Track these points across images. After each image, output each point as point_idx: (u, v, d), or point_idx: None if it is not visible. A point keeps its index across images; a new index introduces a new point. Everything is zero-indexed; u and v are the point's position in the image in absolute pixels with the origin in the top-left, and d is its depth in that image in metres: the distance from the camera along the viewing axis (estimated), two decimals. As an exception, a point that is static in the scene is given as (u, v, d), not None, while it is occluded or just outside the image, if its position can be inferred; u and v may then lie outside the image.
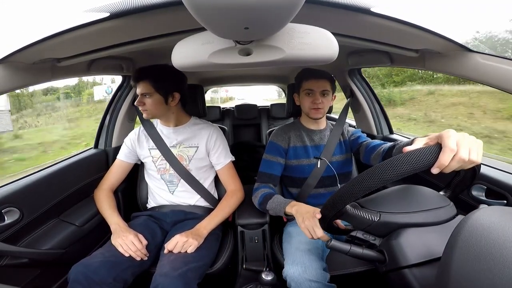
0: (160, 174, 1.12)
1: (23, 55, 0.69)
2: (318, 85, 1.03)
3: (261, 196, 1.00)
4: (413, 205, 0.54)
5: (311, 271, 0.78)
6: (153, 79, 1.01)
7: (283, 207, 0.92)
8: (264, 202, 0.98)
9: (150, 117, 1.07)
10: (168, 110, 1.07)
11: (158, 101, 1.03)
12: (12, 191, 0.85)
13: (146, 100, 1.02)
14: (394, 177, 0.44)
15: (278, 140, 1.10)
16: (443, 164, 0.44)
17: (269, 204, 0.96)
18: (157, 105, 1.03)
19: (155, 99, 1.02)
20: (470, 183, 0.57)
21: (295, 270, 0.79)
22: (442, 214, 0.53)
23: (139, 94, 1.02)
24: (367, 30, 0.71)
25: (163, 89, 1.02)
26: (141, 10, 0.57)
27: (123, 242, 0.88)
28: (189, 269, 0.81)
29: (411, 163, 0.43)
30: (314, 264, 0.80)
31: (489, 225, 0.36)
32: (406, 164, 0.43)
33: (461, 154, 0.44)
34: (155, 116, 1.07)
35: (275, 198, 0.97)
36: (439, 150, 0.45)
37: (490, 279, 0.31)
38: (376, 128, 1.45)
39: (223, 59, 0.57)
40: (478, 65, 0.71)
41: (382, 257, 0.52)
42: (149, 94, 1.01)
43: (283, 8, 0.41)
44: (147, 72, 1.02)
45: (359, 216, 0.54)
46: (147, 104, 1.02)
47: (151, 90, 1.01)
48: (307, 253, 0.84)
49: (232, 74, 2.43)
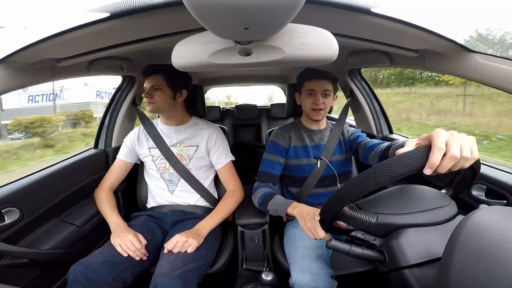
0: (159, 173, 1.12)
1: (22, 55, 0.69)
2: (320, 86, 1.03)
3: (261, 196, 1.00)
4: (412, 206, 0.54)
5: (320, 280, 0.77)
6: (166, 73, 1.04)
7: (285, 208, 0.91)
8: (265, 202, 0.98)
9: (154, 111, 1.08)
10: (173, 106, 1.09)
11: (167, 95, 1.06)
12: (12, 191, 0.85)
13: (155, 93, 1.04)
14: (387, 180, 0.44)
15: (278, 140, 1.10)
16: (434, 164, 0.43)
17: (270, 205, 0.96)
18: (165, 99, 1.06)
19: (165, 92, 1.05)
20: (470, 182, 0.57)
21: (304, 278, 0.78)
22: (442, 214, 0.53)
23: (148, 87, 1.05)
24: (367, 30, 0.71)
25: (174, 84, 1.06)
26: (141, 10, 0.57)
27: (122, 242, 0.88)
28: (188, 269, 0.81)
29: (403, 165, 0.43)
30: (322, 272, 0.80)
31: (489, 225, 0.36)
32: (398, 166, 0.43)
33: (452, 151, 0.44)
34: (160, 110, 1.08)
35: (276, 198, 0.96)
36: (429, 151, 0.45)
37: (490, 279, 0.31)
38: (376, 128, 1.45)
39: (223, 59, 0.57)
40: (478, 65, 0.71)
41: (382, 257, 0.52)
42: (159, 87, 1.04)
43: (283, 9, 0.41)
44: (160, 67, 1.05)
45: (357, 218, 0.54)
46: (155, 97, 1.04)
47: (162, 83, 1.04)
48: (315, 260, 0.83)
49: (232, 74, 2.43)
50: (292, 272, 0.83)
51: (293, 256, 0.89)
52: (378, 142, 0.94)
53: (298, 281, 0.79)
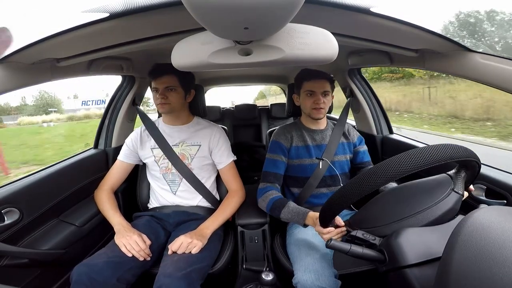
0: (162, 173, 1.12)
1: (22, 55, 0.69)
2: (319, 86, 1.03)
3: (271, 201, 0.98)
4: (411, 207, 0.54)
5: (324, 279, 0.77)
6: (179, 74, 1.03)
7: (302, 219, 0.89)
8: (275, 209, 0.96)
9: (168, 112, 1.09)
10: (183, 106, 1.11)
11: (181, 96, 1.07)
12: (12, 191, 0.85)
13: (169, 93, 1.04)
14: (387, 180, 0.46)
15: (280, 139, 1.09)
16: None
17: (284, 213, 0.93)
18: (180, 99, 1.07)
19: (179, 93, 1.06)
20: (471, 182, 0.57)
21: (308, 277, 0.78)
22: (443, 206, 0.52)
23: (161, 88, 1.04)
24: (367, 30, 0.71)
25: (186, 84, 1.07)
26: (140, 10, 0.57)
27: (127, 242, 0.88)
28: (193, 270, 0.81)
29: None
30: (327, 272, 0.80)
31: (489, 225, 0.36)
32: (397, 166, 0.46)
33: None
34: (174, 110, 1.09)
35: (289, 206, 0.94)
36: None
37: (490, 278, 0.31)
38: (376, 128, 1.45)
39: (223, 59, 0.57)
40: (477, 65, 0.71)
41: (382, 257, 0.52)
42: (174, 87, 1.04)
43: (283, 8, 0.41)
44: (171, 67, 1.03)
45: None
46: (170, 98, 1.05)
47: (176, 83, 1.04)
48: (319, 259, 0.83)
49: (232, 74, 2.43)
50: (296, 271, 0.83)
51: (296, 256, 0.88)
52: (365, 166, 1.03)
53: (302, 281, 0.78)
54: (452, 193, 0.53)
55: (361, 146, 1.15)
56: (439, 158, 0.45)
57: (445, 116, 8.49)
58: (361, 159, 1.13)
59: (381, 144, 1.41)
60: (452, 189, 0.53)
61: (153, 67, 1.06)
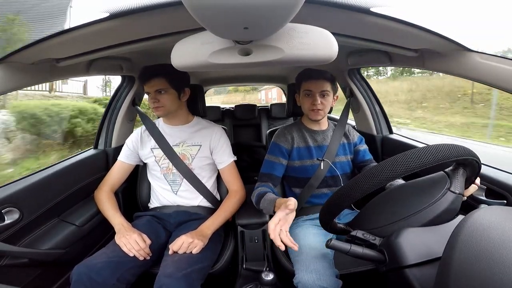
0: (163, 173, 1.12)
1: (22, 55, 0.69)
2: (317, 86, 1.03)
3: (256, 195, 0.99)
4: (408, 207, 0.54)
5: (325, 279, 0.77)
6: (168, 75, 1.02)
7: (271, 207, 0.88)
8: (258, 202, 0.97)
9: (164, 115, 1.08)
10: (179, 106, 1.10)
11: (174, 97, 1.05)
12: (12, 191, 0.84)
13: (161, 96, 1.03)
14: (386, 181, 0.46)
15: (281, 141, 1.09)
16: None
17: (262, 204, 0.94)
18: (173, 100, 1.05)
19: (171, 94, 1.04)
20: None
21: (309, 277, 0.78)
22: (439, 206, 0.52)
23: (152, 91, 1.02)
24: (366, 30, 0.71)
25: (177, 84, 1.05)
26: (140, 10, 0.57)
27: (127, 241, 0.88)
28: (193, 270, 0.81)
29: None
30: (328, 272, 0.79)
31: (489, 225, 0.36)
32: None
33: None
34: (169, 112, 1.08)
35: (266, 196, 0.94)
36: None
37: (490, 278, 0.31)
38: (375, 128, 1.45)
39: (223, 59, 0.57)
40: (477, 64, 0.71)
41: (382, 257, 0.52)
42: (164, 90, 1.02)
43: (283, 8, 0.41)
44: (159, 69, 1.02)
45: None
46: (162, 101, 1.03)
47: (166, 85, 1.02)
48: (320, 259, 0.83)
49: (232, 74, 2.42)
50: (297, 271, 0.82)
51: (297, 256, 0.88)
52: (367, 165, 1.02)
53: (303, 280, 0.78)
54: (448, 192, 0.52)
55: (361, 145, 1.15)
56: (437, 158, 0.45)
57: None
58: (362, 157, 1.13)
59: (381, 144, 1.41)
60: (448, 188, 0.53)
61: (141, 71, 1.05)
